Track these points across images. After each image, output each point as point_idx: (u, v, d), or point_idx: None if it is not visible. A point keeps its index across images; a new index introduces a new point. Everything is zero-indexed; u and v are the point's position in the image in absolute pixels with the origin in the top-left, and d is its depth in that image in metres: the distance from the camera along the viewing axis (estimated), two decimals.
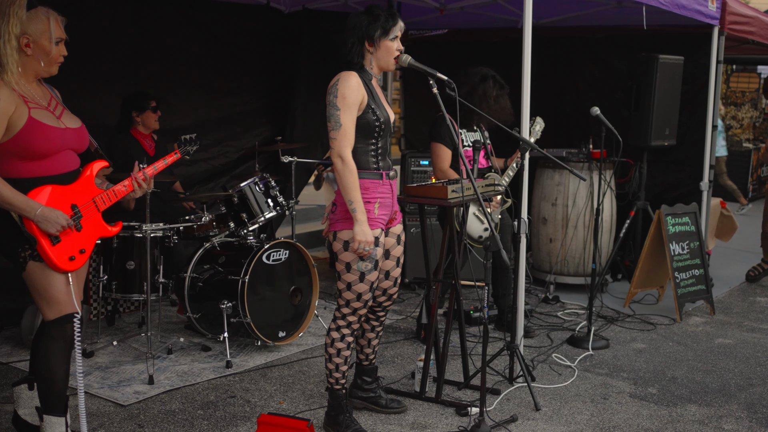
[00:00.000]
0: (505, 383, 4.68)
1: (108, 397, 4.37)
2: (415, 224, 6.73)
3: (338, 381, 3.94)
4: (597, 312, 6.12)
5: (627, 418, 4.30)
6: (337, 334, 3.89)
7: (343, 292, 3.83)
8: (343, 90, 3.64)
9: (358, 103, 3.66)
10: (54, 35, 3.29)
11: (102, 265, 5.19)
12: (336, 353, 3.90)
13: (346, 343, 3.89)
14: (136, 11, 6.13)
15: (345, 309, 3.86)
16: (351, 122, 3.65)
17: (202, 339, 5.34)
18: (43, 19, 3.27)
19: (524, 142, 4.61)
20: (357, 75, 3.70)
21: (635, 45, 7.08)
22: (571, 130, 7.56)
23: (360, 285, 3.77)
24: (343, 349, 3.89)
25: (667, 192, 7.25)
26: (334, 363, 3.92)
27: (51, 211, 3.24)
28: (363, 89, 3.68)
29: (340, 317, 3.89)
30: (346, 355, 3.91)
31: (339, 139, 3.65)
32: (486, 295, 3.96)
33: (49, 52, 3.29)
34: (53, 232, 3.24)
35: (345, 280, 3.79)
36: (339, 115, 3.64)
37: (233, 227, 5.43)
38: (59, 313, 3.35)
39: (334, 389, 3.96)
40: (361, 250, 3.66)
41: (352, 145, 3.67)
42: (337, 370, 3.92)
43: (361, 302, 3.82)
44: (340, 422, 3.92)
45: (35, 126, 3.23)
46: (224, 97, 6.96)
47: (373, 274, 3.78)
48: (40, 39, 3.26)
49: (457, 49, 7.92)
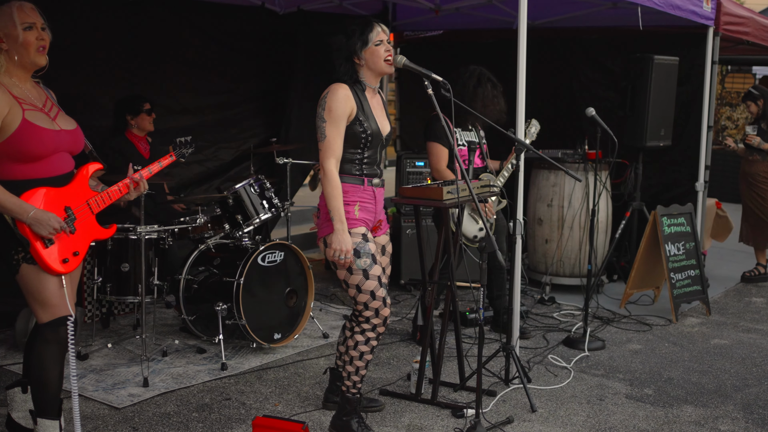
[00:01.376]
0: (501, 385, 4.67)
1: (102, 399, 4.35)
2: (411, 225, 6.73)
3: (355, 385, 3.91)
4: (593, 313, 6.11)
5: (623, 419, 4.29)
6: (361, 337, 3.84)
7: (357, 297, 3.79)
8: (330, 102, 3.69)
9: (346, 115, 3.70)
10: (18, 21, 3.24)
11: (96, 267, 5.18)
12: (358, 356, 3.85)
13: (369, 346, 3.86)
14: (131, 13, 6.12)
15: (366, 312, 3.81)
16: (336, 134, 3.69)
17: (197, 341, 5.32)
18: (6, 10, 3.25)
19: (519, 143, 4.61)
20: (347, 87, 3.73)
21: (630, 46, 7.09)
22: (567, 131, 7.56)
23: (368, 282, 3.74)
24: (366, 352, 3.86)
25: (663, 193, 7.26)
26: (354, 366, 3.87)
27: (44, 213, 3.22)
28: (352, 101, 3.72)
29: (364, 321, 3.83)
30: (369, 359, 3.89)
31: (323, 150, 3.70)
32: (482, 296, 3.96)
33: (25, 41, 3.23)
34: (46, 234, 3.22)
35: (352, 283, 3.76)
36: (324, 127, 3.69)
37: (228, 229, 5.41)
38: (53, 315, 3.33)
39: (351, 393, 3.92)
40: (337, 258, 3.66)
41: (337, 157, 3.70)
42: (357, 373, 3.88)
43: (379, 300, 3.77)
44: (353, 429, 3.88)
45: (29, 128, 3.21)
46: (219, 98, 6.95)
47: (375, 268, 3.76)
48: (8, 29, 3.23)
49: (453, 50, 7.92)
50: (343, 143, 3.71)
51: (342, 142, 3.71)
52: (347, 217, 3.70)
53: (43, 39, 3.31)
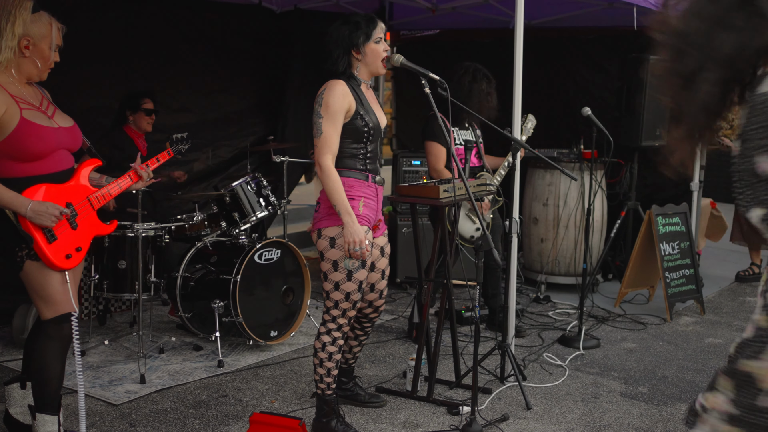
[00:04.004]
0: (497, 382, 4.69)
1: (100, 396, 4.37)
2: (406, 224, 6.75)
3: (329, 386, 3.89)
4: (588, 312, 6.14)
5: (618, 416, 4.32)
6: (328, 338, 3.83)
7: (330, 293, 3.77)
8: (327, 98, 3.66)
9: (344, 111, 3.67)
10: (54, 41, 3.34)
11: (93, 265, 5.19)
12: (327, 357, 3.84)
13: (337, 346, 3.84)
14: (128, 11, 6.12)
15: (334, 311, 3.80)
16: (332, 131, 3.65)
17: (194, 338, 5.34)
18: (46, 24, 3.31)
19: (516, 142, 4.63)
20: (344, 83, 3.71)
21: (626, 46, 7.10)
22: (562, 130, 7.59)
23: (348, 284, 3.73)
24: (335, 352, 3.84)
25: (658, 192, 7.28)
26: (325, 368, 3.85)
27: (41, 204, 3.23)
28: (350, 97, 3.69)
29: (330, 320, 3.83)
30: (338, 358, 3.86)
31: (319, 147, 3.66)
32: (478, 294, 3.97)
33: (47, 58, 3.33)
34: (48, 224, 3.24)
35: (332, 279, 3.74)
36: (321, 123, 3.65)
37: (225, 227, 5.43)
38: (57, 312, 3.35)
39: (325, 395, 3.90)
40: (353, 251, 3.63)
41: (333, 153, 3.67)
42: (329, 374, 3.86)
43: (350, 302, 3.77)
44: (333, 428, 3.88)
45: (28, 126, 3.23)
46: (216, 96, 6.96)
47: (361, 272, 3.74)
48: (41, 43, 3.29)
49: (449, 49, 7.94)
50: (340, 139, 3.68)
51: (338, 139, 3.67)
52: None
53: (57, 60, 3.39)
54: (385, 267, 4.03)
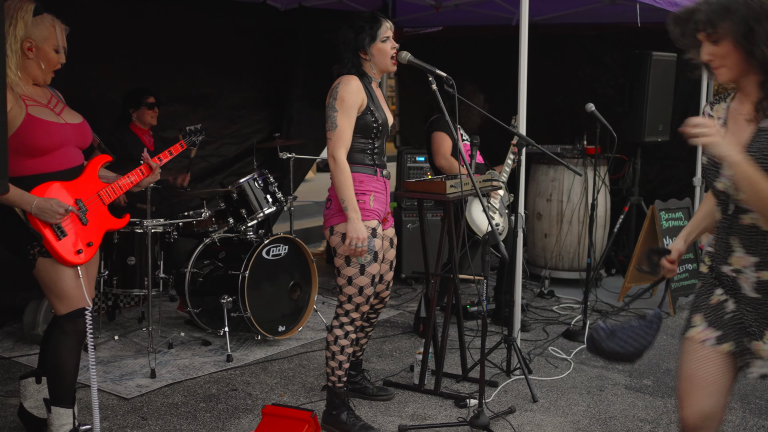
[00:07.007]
0: (503, 375, 4.74)
1: (111, 390, 4.42)
2: (411, 220, 6.79)
3: (340, 379, 3.96)
4: (592, 306, 6.17)
5: (623, 408, 4.37)
6: (341, 331, 3.90)
7: (344, 288, 3.84)
8: (342, 93, 3.72)
9: (357, 106, 3.74)
10: (60, 42, 3.37)
11: (103, 261, 5.23)
12: (340, 350, 3.91)
13: (349, 339, 3.91)
14: (133, 8, 6.15)
15: (347, 305, 3.88)
16: (347, 124, 3.72)
17: (203, 333, 5.39)
18: (49, 26, 3.34)
19: (521, 138, 4.67)
20: (358, 79, 3.78)
21: (629, 42, 7.15)
22: (565, 126, 7.62)
23: (361, 278, 3.80)
24: (347, 346, 3.91)
25: (661, 187, 7.32)
26: (337, 360, 3.92)
27: (45, 201, 3.26)
28: (363, 93, 3.77)
29: (343, 313, 3.90)
30: (349, 352, 3.94)
31: (334, 140, 3.72)
32: (485, 288, 4.01)
33: (51, 60, 3.36)
34: (54, 221, 3.27)
35: (345, 274, 3.82)
36: (336, 117, 3.71)
37: (232, 223, 5.47)
38: (70, 307, 3.40)
39: (336, 387, 3.97)
40: (354, 248, 3.69)
41: (346, 146, 3.73)
42: (340, 367, 3.93)
43: (364, 297, 3.84)
44: (344, 420, 3.94)
45: (33, 122, 3.27)
46: (221, 94, 7.00)
47: (373, 266, 3.81)
48: (43, 45, 3.33)
49: (452, 46, 7.97)
50: (353, 134, 3.76)
51: (352, 133, 3.75)
52: (362, 207, 3.74)
53: (62, 62, 3.42)
54: (392, 258, 4.12)
